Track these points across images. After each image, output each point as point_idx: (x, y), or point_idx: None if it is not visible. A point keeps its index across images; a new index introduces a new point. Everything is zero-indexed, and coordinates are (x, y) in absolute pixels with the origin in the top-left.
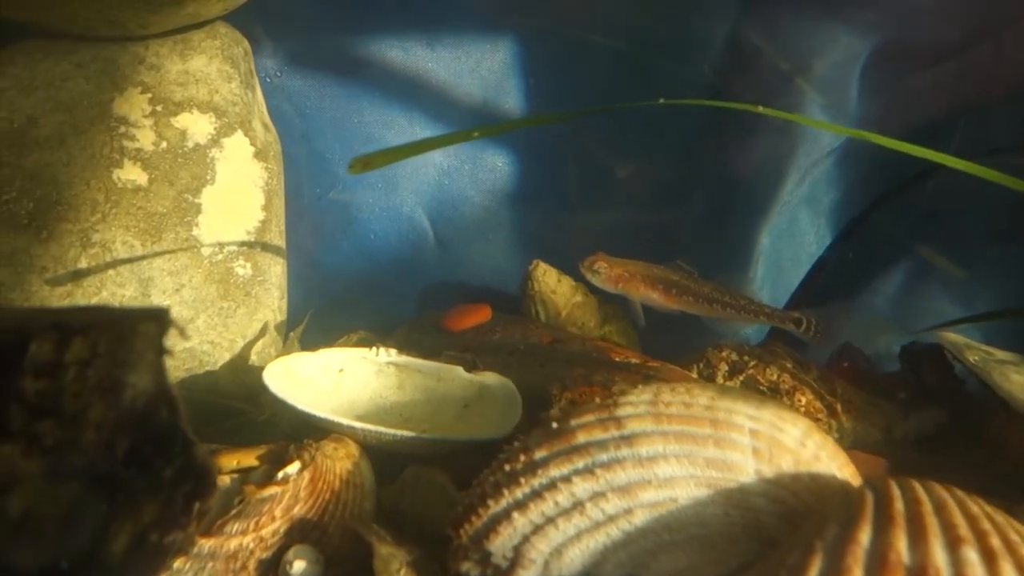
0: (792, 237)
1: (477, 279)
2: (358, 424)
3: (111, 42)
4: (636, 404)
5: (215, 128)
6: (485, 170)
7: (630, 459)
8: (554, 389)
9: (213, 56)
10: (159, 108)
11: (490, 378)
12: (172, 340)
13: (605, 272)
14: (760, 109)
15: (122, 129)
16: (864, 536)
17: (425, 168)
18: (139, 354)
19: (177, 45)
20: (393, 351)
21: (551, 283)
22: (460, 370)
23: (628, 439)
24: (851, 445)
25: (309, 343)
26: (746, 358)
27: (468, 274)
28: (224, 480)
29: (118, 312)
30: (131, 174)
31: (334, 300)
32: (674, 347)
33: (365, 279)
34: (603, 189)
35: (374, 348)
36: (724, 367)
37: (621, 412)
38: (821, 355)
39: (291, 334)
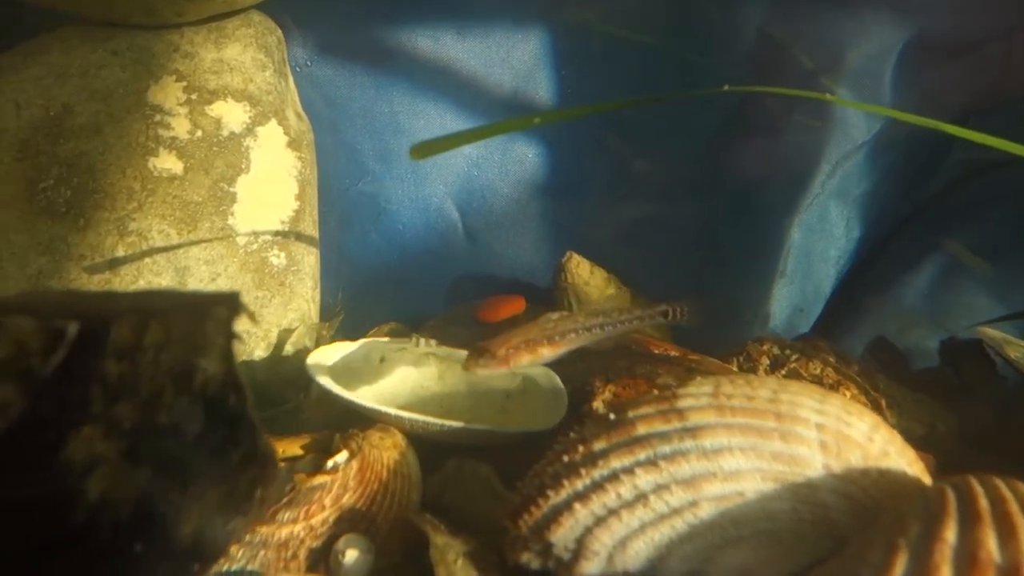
0: (822, 231)
1: (506, 271)
2: (405, 414)
3: (146, 30)
4: (697, 396)
5: (249, 117)
6: (514, 161)
7: (694, 451)
8: (596, 381)
9: (247, 44)
10: (194, 96)
11: (533, 369)
12: (241, 325)
13: (491, 359)
14: (828, 97)
15: (157, 117)
16: (950, 534)
17: (454, 159)
18: (210, 339)
19: (212, 33)
20: (433, 342)
21: (584, 275)
22: None
23: (691, 431)
24: None
25: (339, 335)
26: (787, 351)
27: (497, 266)
28: None
29: (191, 296)
30: (167, 163)
31: (363, 291)
32: (706, 340)
33: (394, 270)
34: (633, 182)
35: (414, 339)
36: (765, 361)
37: (682, 404)
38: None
39: (324, 329)
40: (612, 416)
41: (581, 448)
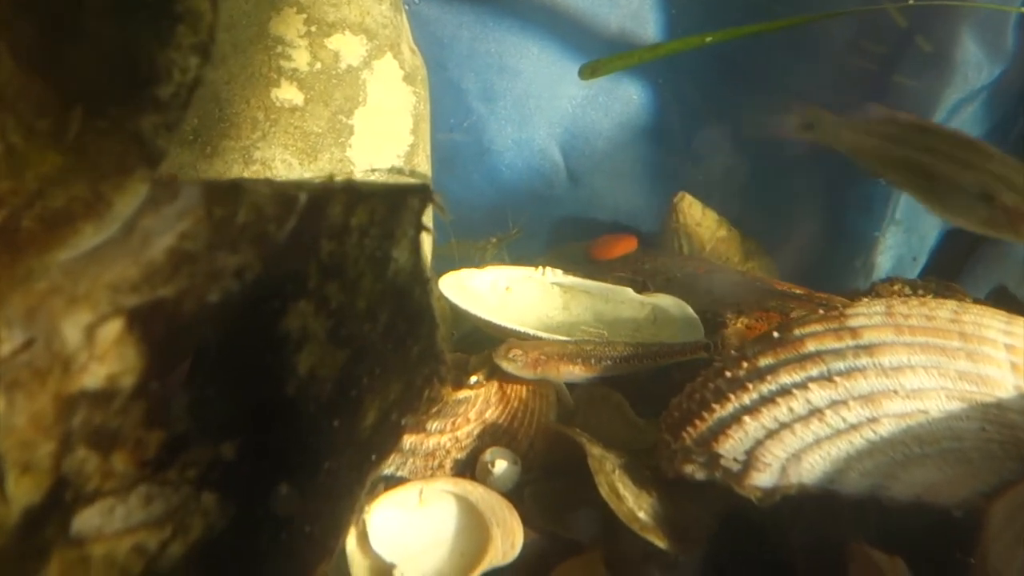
0: None
1: (609, 214)
2: (544, 334)
3: None
4: (869, 315)
5: (366, 50)
6: (620, 103)
7: (871, 368)
8: (728, 313)
9: None
10: (313, 29)
11: (663, 300)
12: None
13: (521, 359)
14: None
15: (279, 49)
16: None
17: (558, 100)
18: (403, 229)
19: None
20: (559, 271)
21: (696, 216)
22: (630, 291)
23: (867, 348)
24: None
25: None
26: (921, 292)
27: (600, 209)
28: None
29: (386, 185)
30: (288, 93)
31: (464, 232)
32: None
33: (496, 211)
34: (739, 124)
35: (540, 268)
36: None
37: (854, 323)
38: None
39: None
40: (776, 334)
41: (745, 364)
